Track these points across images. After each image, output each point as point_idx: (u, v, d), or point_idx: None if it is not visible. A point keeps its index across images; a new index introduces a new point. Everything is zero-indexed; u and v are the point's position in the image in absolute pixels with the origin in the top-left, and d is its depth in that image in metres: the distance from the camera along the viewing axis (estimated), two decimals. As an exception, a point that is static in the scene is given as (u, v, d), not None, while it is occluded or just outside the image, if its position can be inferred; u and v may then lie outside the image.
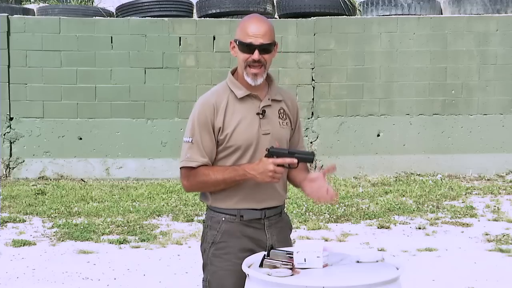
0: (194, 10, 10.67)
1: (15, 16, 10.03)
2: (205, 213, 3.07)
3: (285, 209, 3.13)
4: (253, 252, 2.91)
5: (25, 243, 6.59)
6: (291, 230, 3.15)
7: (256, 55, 2.86)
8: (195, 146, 2.91)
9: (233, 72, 3.01)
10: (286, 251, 2.77)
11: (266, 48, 2.88)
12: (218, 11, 10.32)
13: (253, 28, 2.87)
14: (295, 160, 2.86)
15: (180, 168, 2.97)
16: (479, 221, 7.49)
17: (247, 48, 2.87)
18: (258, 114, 2.95)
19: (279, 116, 3.00)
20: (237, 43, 2.90)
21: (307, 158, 2.90)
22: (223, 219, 2.95)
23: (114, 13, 10.74)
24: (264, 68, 2.91)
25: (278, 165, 2.83)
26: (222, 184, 2.90)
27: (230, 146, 2.92)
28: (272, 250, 2.79)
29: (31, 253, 6.31)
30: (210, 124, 2.90)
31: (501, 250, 6.36)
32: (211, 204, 2.99)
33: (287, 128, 3.02)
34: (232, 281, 2.90)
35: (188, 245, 6.57)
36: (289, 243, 3.06)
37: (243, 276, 2.77)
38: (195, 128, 2.91)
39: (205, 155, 2.91)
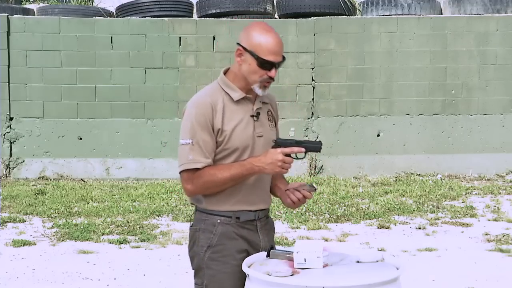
0: (194, 10, 10.67)
1: (15, 16, 10.03)
2: (193, 215, 3.00)
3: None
4: (248, 253, 2.90)
5: (25, 243, 6.58)
6: (274, 232, 3.14)
7: (273, 72, 2.83)
8: (196, 147, 2.82)
9: (225, 72, 2.95)
10: (286, 251, 2.77)
11: (280, 64, 2.87)
12: (218, 11, 10.31)
13: (274, 46, 2.81)
14: (303, 149, 2.84)
15: (181, 172, 2.86)
16: (479, 221, 7.49)
17: (268, 65, 2.81)
18: (252, 116, 2.91)
19: (268, 118, 2.99)
20: (256, 57, 2.81)
21: (315, 147, 2.87)
22: (219, 221, 2.89)
23: (114, 13, 10.74)
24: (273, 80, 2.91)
25: (286, 155, 2.81)
26: (230, 182, 2.83)
27: (227, 148, 2.86)
28: (272, 250, 2.79)
29: (31, 253, 6.31)
30: (210, 124, 2.82)
31: (501, 250, 6.36)
32: (205, 207, 2.91)
33: (274, 129, 3.01)
34: (231, 283, 2.86)
35: (188, 245, 6.56)
36: (274, 244, 3.05)
37: (241, 277, 2.77)
38: (194, 129, 2.82)
39: (207, 156, 2.83)
